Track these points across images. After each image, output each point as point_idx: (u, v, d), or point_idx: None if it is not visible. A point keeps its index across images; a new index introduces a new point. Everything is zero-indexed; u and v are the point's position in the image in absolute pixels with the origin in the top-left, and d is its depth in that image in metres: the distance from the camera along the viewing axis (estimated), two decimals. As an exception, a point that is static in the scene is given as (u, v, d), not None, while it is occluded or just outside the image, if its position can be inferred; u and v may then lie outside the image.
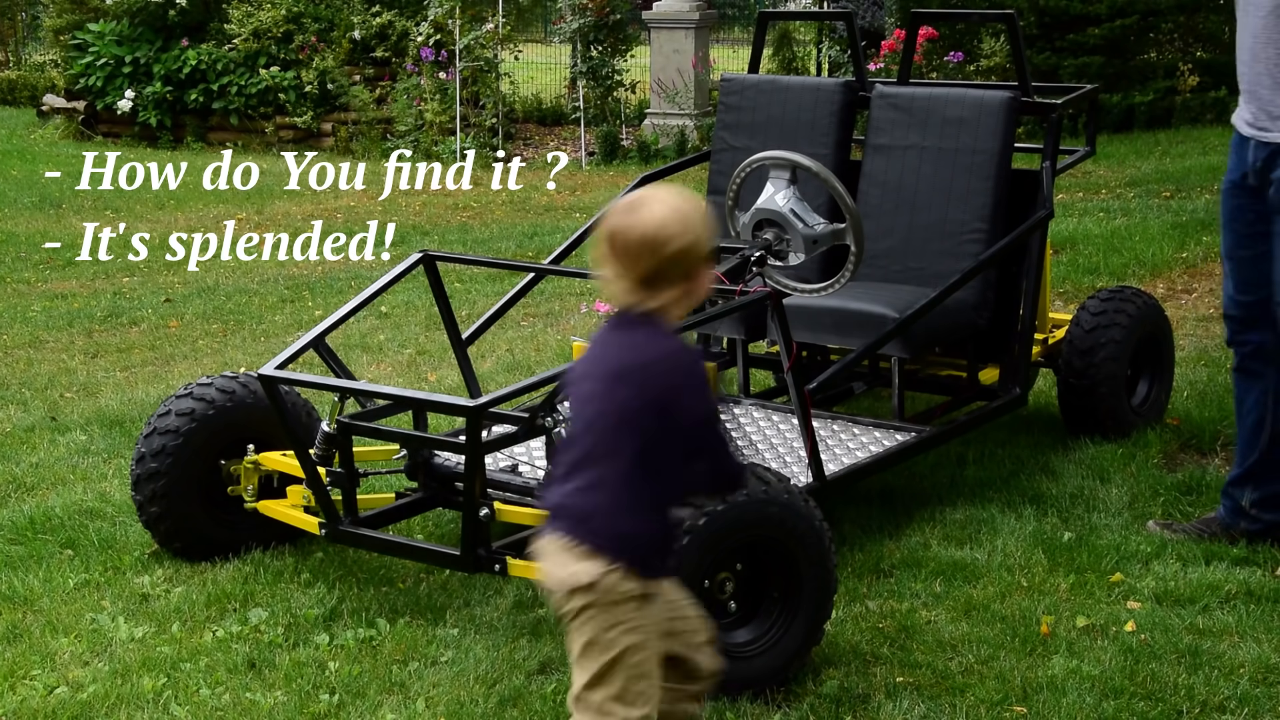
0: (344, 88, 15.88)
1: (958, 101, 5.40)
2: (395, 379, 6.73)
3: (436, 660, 3.91)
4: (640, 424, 2.77)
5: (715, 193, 5.83)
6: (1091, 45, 14.12)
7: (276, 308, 8.41)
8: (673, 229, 2.76)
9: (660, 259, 2.76)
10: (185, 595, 4.31)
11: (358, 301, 4.66)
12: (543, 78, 19.09)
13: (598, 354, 2.87)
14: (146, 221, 11.68)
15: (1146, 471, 5.21)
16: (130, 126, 16.81)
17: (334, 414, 4.29)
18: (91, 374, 6.98)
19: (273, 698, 3.72)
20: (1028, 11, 14.12)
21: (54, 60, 19.07)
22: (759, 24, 6.29)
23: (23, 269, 9.82)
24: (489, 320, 5.37)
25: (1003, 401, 5.28)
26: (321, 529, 4.25)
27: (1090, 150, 6.10)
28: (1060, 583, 4.33)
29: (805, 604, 3.71)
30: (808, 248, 4.62)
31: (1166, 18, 14.66)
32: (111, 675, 3.83)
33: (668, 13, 15.36)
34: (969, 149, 5.33)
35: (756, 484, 3.65)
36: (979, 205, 5.29)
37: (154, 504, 4.48)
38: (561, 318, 7.99)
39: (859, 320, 5.04)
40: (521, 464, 4.49)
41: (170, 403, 4.54)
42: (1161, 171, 12.03)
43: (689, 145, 14.70)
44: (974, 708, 3.61)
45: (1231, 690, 3.67)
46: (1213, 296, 7.85)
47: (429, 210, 12.15)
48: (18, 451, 5.73)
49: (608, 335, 2.87)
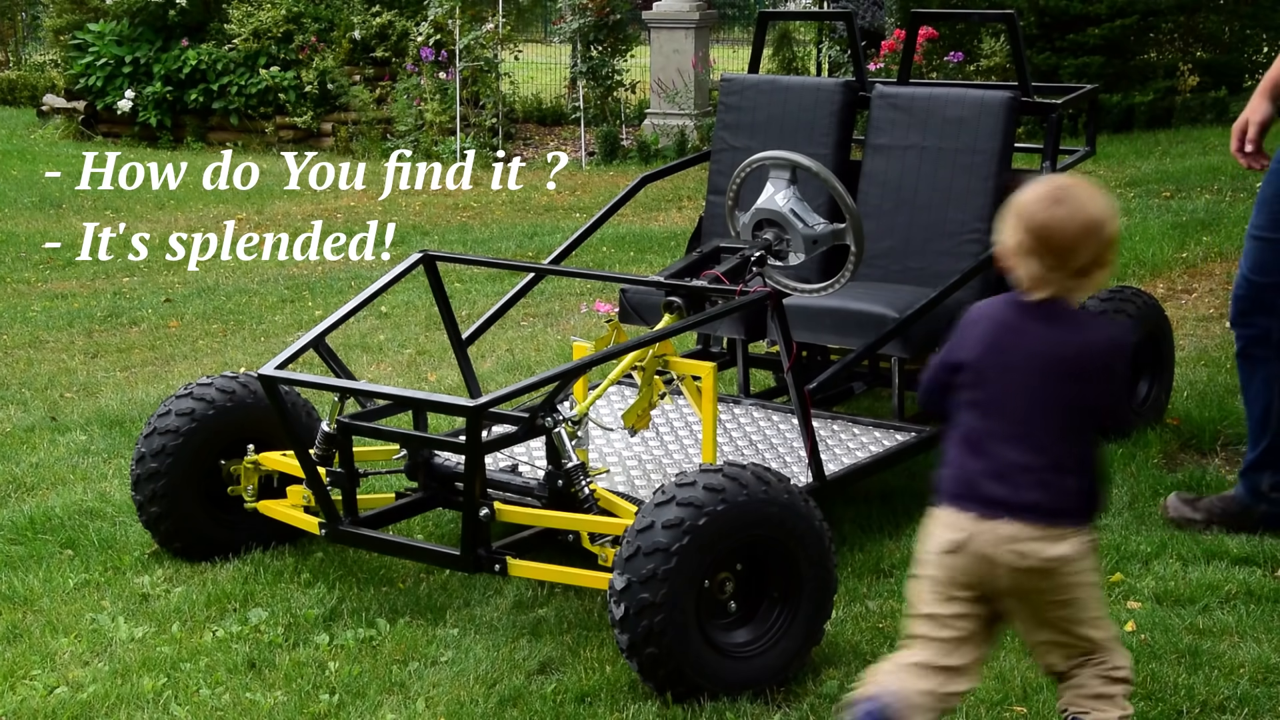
0: (344, 88, 15.88)
1: (958, 101, 5.40)
2: (395, 379, 6.73)
3: (436, 660, 3.91)
4: (1091, 407, 2.95)
5: (715, 193, 5.83)
6: (1091, 45, 14.12)
7: (276, 308, 8.41)
8: (1105, 217, 2.89)
9: (1098, 248, 2.89)
10: (185, 595, 4.31)
11: (358, 301, 4.66)
12: (543, 78, 19.10)
13: (1034, 347, 2.95)
14: (146, 221, 11.68)
15: (1146, 471, 5.21)
16: (130, 126, 16.80)
17: (334, 414, 4.30)
18: (91, 374, 6.98)
19: (273, 698, 3.72)
20: (1028, 11, 14.12)
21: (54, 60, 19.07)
22: (759, 24, 6.29)
23: (23, 269, 9.81)
24: (489, 320, 5.37)
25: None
26: (321, 529, 4.25)
27: (1090, 150, 6.10)
28: (1060, 583, 4.33)
29: (805, 604, 3.71)
30: (808, 248, 4.63)
31: (1166, 18, 14.67)
32: (111, 675, 3.83)
33: (668, 13, 15.36)
34: (969, 149, 5.33)
35: (757, 484, 3.65)
36: (979, 205, 5.29)
37: (154, 504, 4.48)
38: (561, 318, 7.99)
39: (859, 320, 5.05)
40: (521, 464, 4.49)
41: (170, 403, 4.54)
42: (1161, 171, 12.03)
43: (689, 145, 14.71)
44: (974, 708, 3.61)
45: (1231, 690, 3.67)
46: (1213, 296, 7.85)
47: (429, 210, 12.15)
48: (18, 451, 5.73)
49: (1038, 326, 2.96)
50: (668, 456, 4.79)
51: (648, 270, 9.13)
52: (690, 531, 3.53)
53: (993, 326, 3.00)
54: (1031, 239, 2.88)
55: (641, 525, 3.57)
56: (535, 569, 3.94)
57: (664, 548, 3.51)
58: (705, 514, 3.55)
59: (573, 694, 3.69)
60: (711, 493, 3.58)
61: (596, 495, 4.08)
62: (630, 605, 3.50)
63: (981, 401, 2.99)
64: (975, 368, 3.00)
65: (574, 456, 4.06)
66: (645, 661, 3.54)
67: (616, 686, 3.71)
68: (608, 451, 4.83)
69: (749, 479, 3.65)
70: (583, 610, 4.17)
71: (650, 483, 4.53)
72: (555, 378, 4.06)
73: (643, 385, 4.29)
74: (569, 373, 4.11)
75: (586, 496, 4.05)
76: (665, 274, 4.66)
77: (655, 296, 5.13)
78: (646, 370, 4.28)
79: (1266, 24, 15.00)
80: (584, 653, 3.90)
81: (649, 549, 3.52)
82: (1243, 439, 5.11)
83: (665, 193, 12.33)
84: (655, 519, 3.56)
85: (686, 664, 3.54)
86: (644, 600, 3.49)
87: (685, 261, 4.66)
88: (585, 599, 4.23)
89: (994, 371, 2.98)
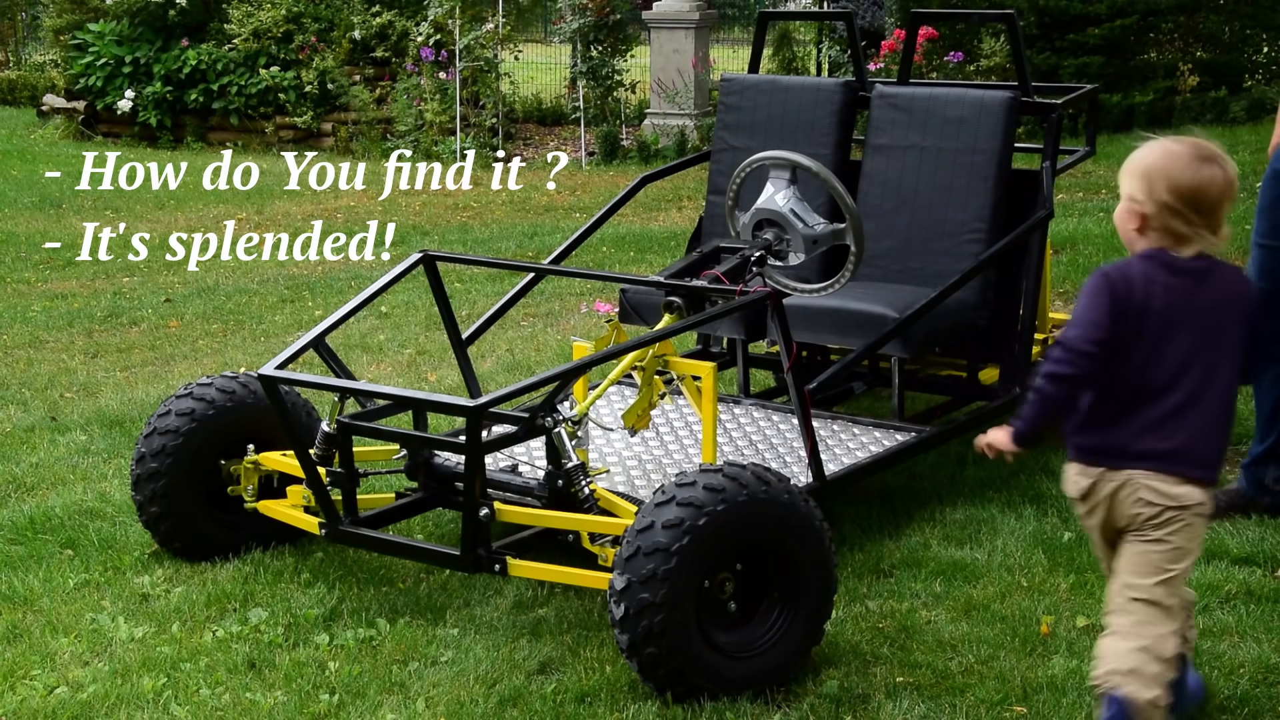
0: (344, 88, 15.88)
1: (958, 101, 5.40)
2: (395, 379, 6.73)
3: (436, 660, 3.91)
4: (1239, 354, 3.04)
5: (715, 193, 5.84)
6: (1091, 45, 14.12)
7: (276, 308, 8.41)
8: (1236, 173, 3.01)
9: (1232, 203, 3.00)
10: (185, 595, 4.31)
11: (357, 302, 4.66)
12: (543, 78, 19.10)
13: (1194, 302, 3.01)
14: (146, 221, 11.69)
15: (1146, 471, 5.21)
16: (130, 126, 16.80)
17: (334, 414, 4.30)
18: (91, 374, 6.98)
19: (273, 698, 3.72)
20: (1028, 11, 14.12)
21: (54, 60, 19.07)
22: (759, 24, 6.29)
23: (23, 269, 9.82)
24: (489, 320, 5.37)
25: (1003, 402, 5.28)
26: (321, 529, 4.25)
27: (1090, 150, 6.11)
28: (1060, 583, 4.33)
29: (805, 604, 3.71)
30: (808, 248, 4.63)
31: (1166, 18, 14.66)
32: (111, 675, 3.84)
33: (668, 13, 15.36)
34: (969, 149, 5.33)
35: (757, 484, 3.65)
36: (979, 205, 5.29)
37: (154, 504, 4.48)
38: (561, 318, 7.99)
39: (859, 320, 5.05)
40: (521, 464, 4.49)
41: (170, 403, 4.54)
42: (1161, 171, 12.01)
43: (689, 145, 14.70)
44: (974, 708, 3.61)
45: (1231, 690, 3.67)
46: (1213, 296, 7.85)
47: (429, 210, 12.15)
48: (18, 451, 5.73)
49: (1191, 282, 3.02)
50: (668, 457, 4.79)
51: (648, 270, 9.13)
52: (691, 531, 3.53)
53: (1146, 286, 3.01)
54: (1180, 199, 2.94)
55: (642, 525, 3.57)
56: (535, 569, 3.94)
57: (664, 548, 3.51)
58: (706, 514, 3.55)
59: (573, 694, 3.69)
60: (712, 493, 3.58)
61: (596, 495, 4.08)
62: (630, 605, 3.50)
63: (1137, 361, 3.02)
64: (1131, 328, 3.02)
65: (574, 456, 4.06)
66: (645, 661, 3.54)
67: (616, 686, 3.71)
68: (608, 451, 4.83)
69: (749, 479, 3.65)
70: (583, 610, 4.17)
71: (650, 483, 4.53)
72: (555, 378, 4.06)
73: (643, 385, 4.29)
74: (569, 373, 4.11)
75: (586, 496, 4.05)
76: (665, 274, 4.66)
77: (655, 296, 5.13)
78: (646, 370, 4.28)
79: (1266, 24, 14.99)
80: (584, 653, 3.90)
81: (649, 549, 3.51)
82: (1242, 438, 5.12)
83: (665, 193, 12.33)
84: (655, 519, 3.56)
85: (687, 664, 3.54)
86: (644, 600, 3.49)
87: (685, 261, 4.66)
88: (585, 599, 4.23)
89: (1154, 330, 3.01)
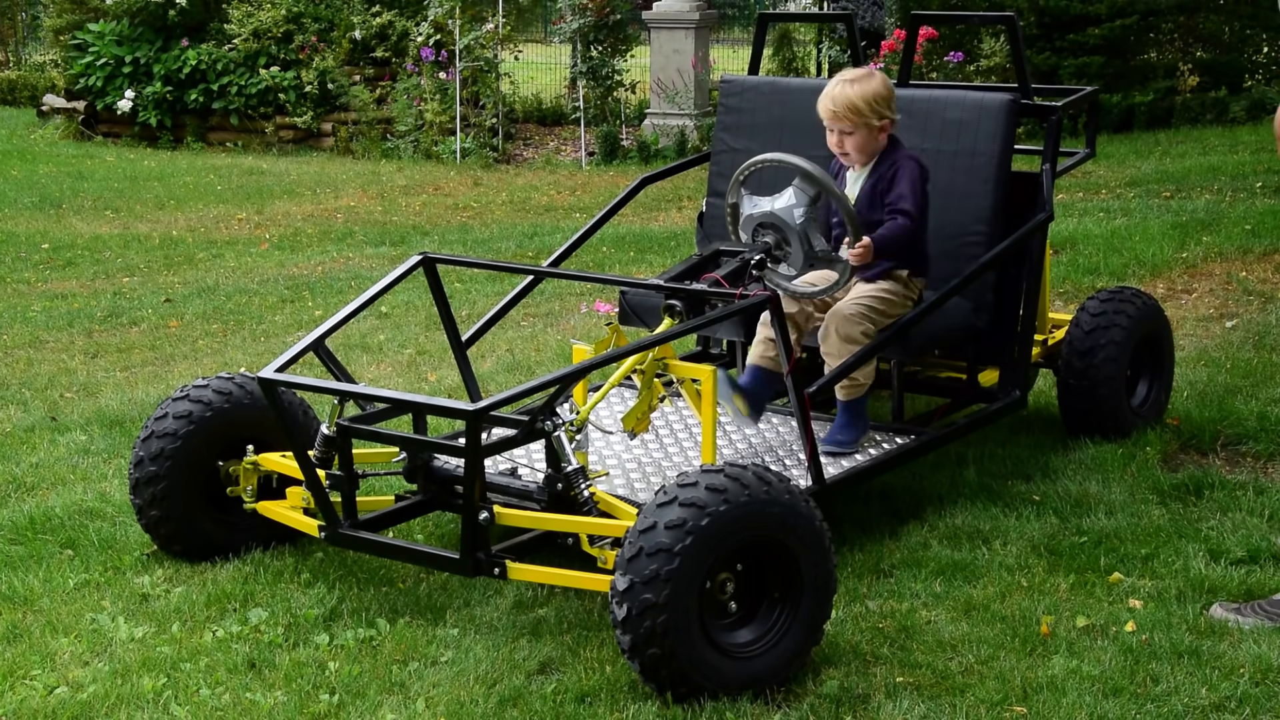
0: (344, 88, 15.88)
1: (957, 103, 5.40)
2: (395, 379, 6.73)
3: (436, 660, 3.91)
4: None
5: (715, 195, 5.83)
6: (1091, 45, 14.13)
7: (276, 308, 8.41)
8: None
9: None
10: (185, 595, 4.32)
11: (357, 304, 4.65)
12: (543, 78, 19.10)
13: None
14: (146, 221, 11.69)
15: (1146, 472, 5.21)
16: (130, 126, 16.81)
17: (333, 417, 4.30)
18: (91, 374, 6.98)
19: (273, 698, 3.72)
20: (1028, 11, 14.13)
21: (54, 60, 19.08)
22: (759, 25, 6.29)
23: (23, 269, 9.82)
24: (489, 321, 5.37)
25: (1002, 404, 5.28)
26: (321, 531, 4.25)
27: (1090, 152, 6.11)
28: (1060, 583, 4.34)
29: (805, 604, 3.71)
30: (802, 267, 4.63)
31: (1166, 18, 14.67)
32: (111, 675, 3.84)
33: (668, 13, 15.37)
34: (969, 151, 5.33)
35: (758, 484, 3.66)
36: (979, 207, 5.28)
37: (154, 507, 4.48)
38: (561, 318, 7.99)
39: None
40: (521, 467, 4.49)
41: (166, 405, 4.54)
42: (1161, 172, 12.04)
43: (689, 145, 14.71)
44: (974, 708, 3.62)
45: (1231, 690, 3.68)
46: (1213, 296, 7.86)
47: (429, 210, 12.16)
48: (18, 451, 5.73)
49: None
50: (667, 459, 4.79)
51: (648, 271, 9.13)
52: (693, 532, 3.53)
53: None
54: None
55: (644, 526, 3.57)
56: (535, 572, 3.94)
57: (667, 548, 3.51)
58: (708, 514, 3.55)
59: (573, 694, 3.69)
60: (714, 493, 3.58)
61: (596, 498, 4.08)
62: (633, 606, 3.50)
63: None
64: None
65: (574, 460, 4.06)
66: (647, 662, 3.54)
67: (616, 686, 3.71)
68: (607, 454, 4.83)
69: (750, 479, 3.65)
70: (583, 610, 4.17)
71: (650, 486, 4.53)
72: (554, 381, 4.06)
73: (642, 388, 4.29)
74: (568, 376, 4.11)
75: (586, 499, 4.05)
76: (665, 277, 4.65)
77: (655, 299, 5.12)
78: (646, 373, 4.28)
79: (1266, 24, 15.00)
80: (584, 653, 3.90)
81: (652, 549, 3.52)
82: (1242, 439, 5.11)
83: (665, 193, 12.33)
84: (658, 519, 3.56)
85: (689, 664, 3.54)
86: (647, 601, 3.49)
87: (685, 264, 4.66)
88: (585, 599, 4.23)
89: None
